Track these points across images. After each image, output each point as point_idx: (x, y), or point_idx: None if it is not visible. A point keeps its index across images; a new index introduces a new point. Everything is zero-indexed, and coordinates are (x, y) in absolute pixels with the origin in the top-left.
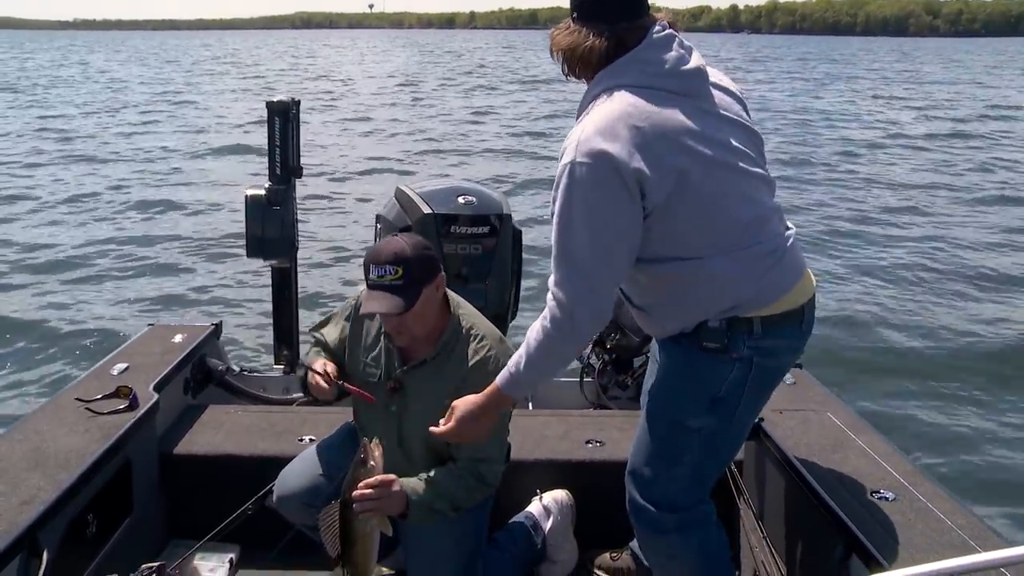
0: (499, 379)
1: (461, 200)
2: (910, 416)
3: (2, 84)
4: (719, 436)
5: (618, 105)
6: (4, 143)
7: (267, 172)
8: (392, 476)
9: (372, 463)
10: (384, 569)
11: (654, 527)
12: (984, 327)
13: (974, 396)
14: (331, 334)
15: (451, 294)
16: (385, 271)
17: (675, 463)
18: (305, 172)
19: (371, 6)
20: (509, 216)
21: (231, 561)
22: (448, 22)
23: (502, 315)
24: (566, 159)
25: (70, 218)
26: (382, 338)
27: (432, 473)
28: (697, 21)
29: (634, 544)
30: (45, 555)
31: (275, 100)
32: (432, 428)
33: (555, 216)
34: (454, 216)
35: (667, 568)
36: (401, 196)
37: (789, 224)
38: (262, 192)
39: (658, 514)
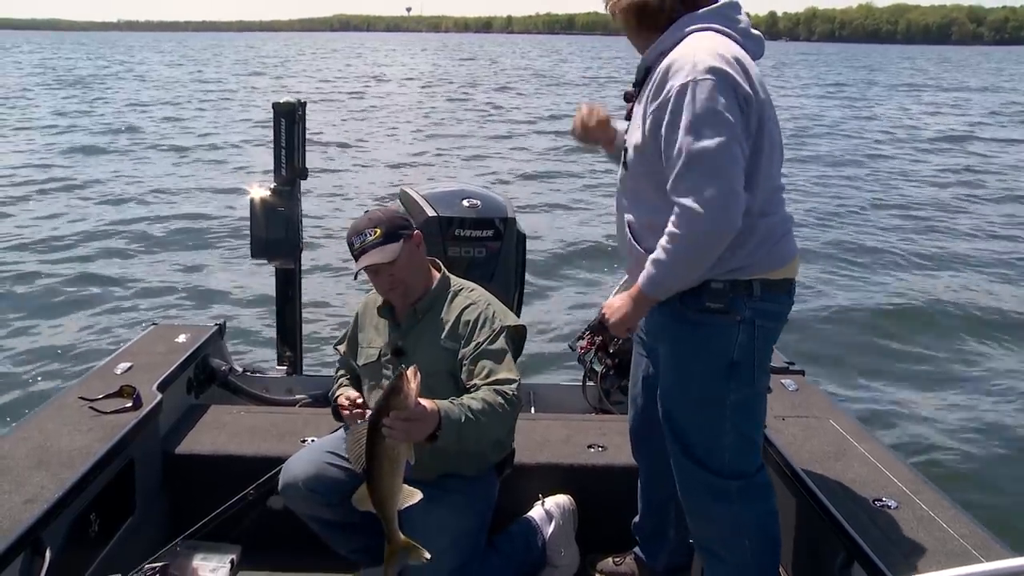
0: (640, 279)
1: (465, 203)
2: (912, 420)
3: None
4: (748, 400)
5: (718, 40)
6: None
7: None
8: (424, 409)
9: (407, 394)
10: (409, 488)
11: (717, 495)
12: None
13: (977, 400)
14: (348, 344)
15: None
16: (365, 235)
17: (719, 434)
18: (312, 173)
19: (409, 9)
20: (513, 219)
21: (232, 562)
22: (485, 26)
23: None
24: (682, 79)
25: (74, 214)
26: (379, 317)
27: (461, 397)
28: None
29: (638, 549)
30: (48, 554)
31: (281, 101)
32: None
33: (680, 130)
34: (458, 219)
35: (727, 545)
36: (405, 199)
37: None
38: (267, 193)
39: (723, 481)
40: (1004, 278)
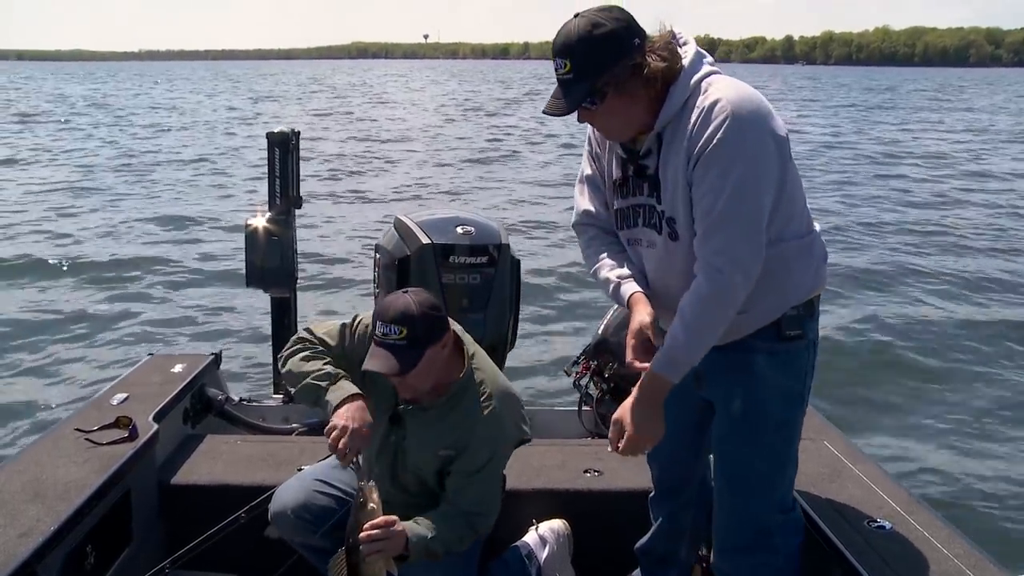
0: (654, 364)
1: (460, 230)
2: (906, 439)
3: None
4: (801, 425)
5: (739, 83)
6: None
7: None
8: (394, 516)
9: (372, 505)
10: None
11: (764, 531)
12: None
13: (972, 419)
14: (344, 349)
15: (468, 344)
16: (390, 330)
17: (787, 463)
18: (314, 199)
19: (426, 36)
20: (507, 246)
21: None
22: (502, 52)
23: (500, 344)
24: (726, 128)
25: (69, 243)
26: None
27: (428, 515)
28: (751, 52)
29: (638, 572)
30: None
31: (275, 131)
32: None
33: (718, 181)
34: (452, 246)
35: (766, 571)
36: (400, 226)
37: None
38: (262, 222)
39: (771, 516)
40: (999, 293)
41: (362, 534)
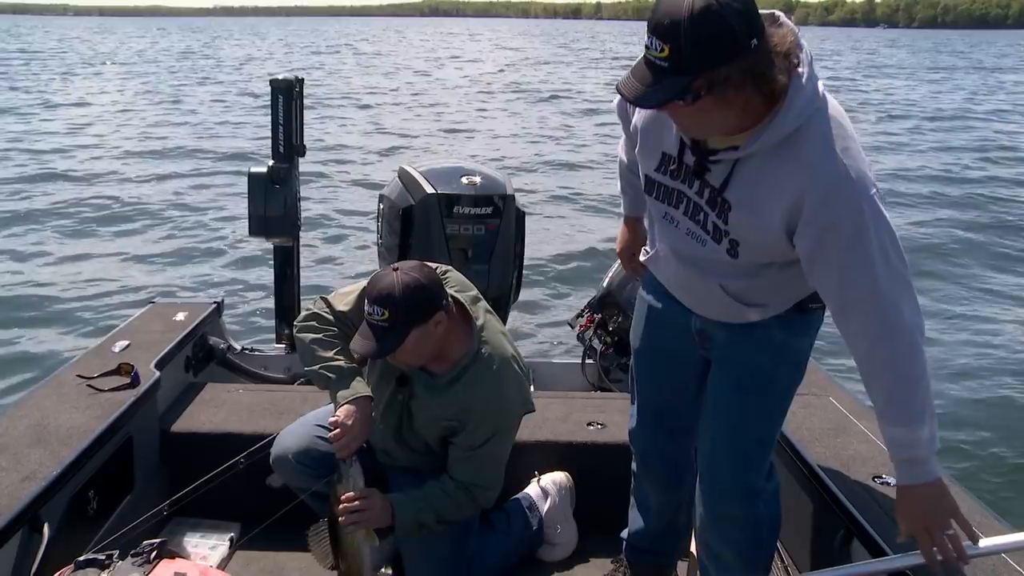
0: (923, 454)
1: (464, 180)
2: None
3: None
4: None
5: (844, 121)
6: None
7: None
8: (372, 489)
9: (348, 478)
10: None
11: (751, 498)
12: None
13: (978, 375)
14: (350, 317)
15: (479, 316)
16: (373, 310)
17: (776, 429)
18: (313, 151)
19: None
20: (512, 197)
21: (232, 539)
22: (574, 12)
23: (504, 296)
24: (861, 197)
25: (75, 191)
26: None
27: (426, 486)
28: (830, 15)
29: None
30: (46, 531)
31: (279, 78)
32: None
33: (879, 247)
34: (457, 196)
35: (745, 545)
36: (404, 176)
37: None
38: (264, 170)
39: (761, 483)
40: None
41: (339, 506)
